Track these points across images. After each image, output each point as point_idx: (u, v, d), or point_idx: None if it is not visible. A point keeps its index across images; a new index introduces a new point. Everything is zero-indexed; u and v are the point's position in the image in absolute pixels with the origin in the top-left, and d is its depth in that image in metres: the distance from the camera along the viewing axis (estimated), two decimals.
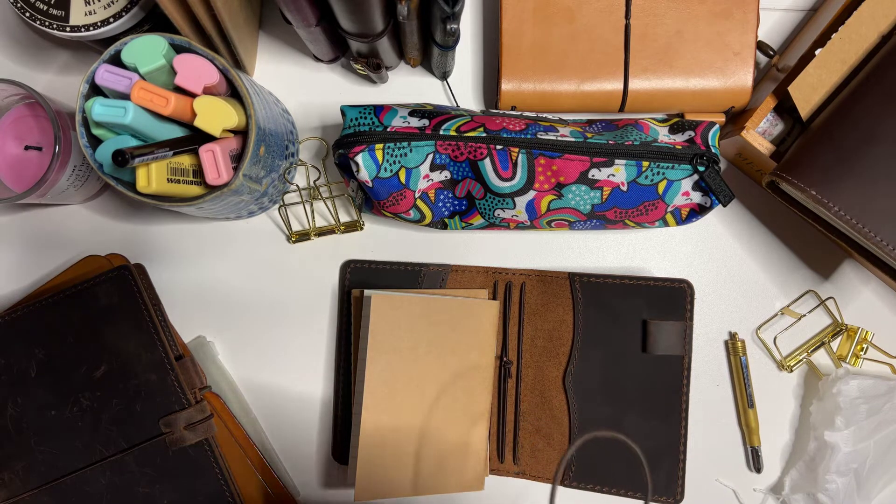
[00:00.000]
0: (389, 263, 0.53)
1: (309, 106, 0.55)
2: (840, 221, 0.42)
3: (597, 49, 0.50)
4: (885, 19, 0.46)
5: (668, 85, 0.50)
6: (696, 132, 0.46)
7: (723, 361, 0.54)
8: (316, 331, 0.54)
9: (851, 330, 0.53)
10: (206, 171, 0.41)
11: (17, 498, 0.47)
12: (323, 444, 0.54)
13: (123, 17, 0.45)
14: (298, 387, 0.54)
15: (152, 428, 0.48)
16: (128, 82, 0.40)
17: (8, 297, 0.54)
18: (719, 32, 0.49)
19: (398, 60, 0.53)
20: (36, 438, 0.47)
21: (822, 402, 0.51)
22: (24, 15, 0.45)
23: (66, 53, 0.55)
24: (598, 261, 0.54)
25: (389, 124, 0.46)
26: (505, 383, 0.52)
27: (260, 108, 0.44)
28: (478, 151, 0.45)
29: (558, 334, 0.52)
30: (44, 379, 0.48)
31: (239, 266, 0.54)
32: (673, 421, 0.51)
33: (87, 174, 0.50)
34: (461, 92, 0.55)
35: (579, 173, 0.45)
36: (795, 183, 0.43)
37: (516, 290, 0.53)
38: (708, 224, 0.54)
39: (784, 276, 0.54)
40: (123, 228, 0.55)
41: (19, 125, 0.49)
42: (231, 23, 0.45)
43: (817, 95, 0.47)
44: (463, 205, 0.49)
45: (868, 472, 0.49)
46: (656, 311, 0.51)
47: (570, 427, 0.51)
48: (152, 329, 0.48)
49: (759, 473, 0.53)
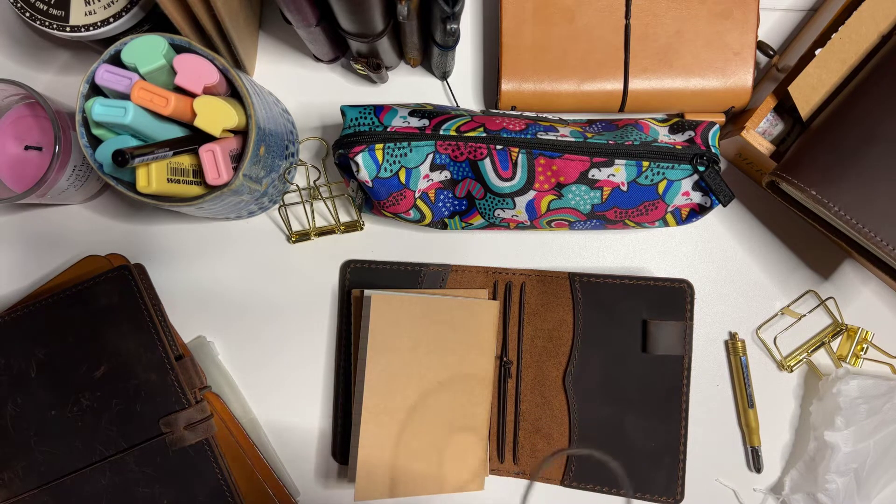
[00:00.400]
0: (389, 263, 0.53)
1: (309, 106, 0.55)
2: (840, 221, 0.42)
3: (597, 49, 0.50)
4: (885, 19, 0.46)
5: (668, 85, 0.50)
6: (696, 132, 0.46)
7: (723, 361, 0.54)
8: (316, 331, 0.54)
9: (851, 330, 0.53)
10: (206, 171, 0.41)
11: (17, 498, 0.47)
12: (323, 443, 0.54)
13: (123, 17, 0.45)
14: (298, 387, 0.54)
15: (152, 428, 0.48)
16: (128, 82, 0.40)
17: (8, 297, 0.54)
18: (719, 32, 0.49)
19: (398, 60, 0.53)
20: (36, 438, 0.47)
21: (822, 402, 0.51)
22: (24, 15, 0.45)
23: (66, 53, 0.55)
24: (598, 261, 0.54)
25: (389, 124, 0.46)
26: (505, 383, 0.52)
27: (260, 108, 0.44)
28: (478, 151, 0.45)
29: (558, 334, 0.52)
30: (44, 379, 0.48)
31: (239, 266, 0.54)
32: (673, 421, 0.51)
33: (87, 174, 0.50)
34: (461, 92, 0.55)
35: (579, 173, 0.45)
36: (795, 183, 0.43)
37: (516, 290, 0.53)
38: (708, 224, 0.54)
39: (784, 276, 0.54)
40: (123, 228, 0.55)
41: (19, 125, 0.49)
42: (231, 23, 0.45)
43: (817, 95, 0.47)
44: (463, 205, 0.49)
45: (868, 472, 0.49)
46: (656, 311, 0.51)
47: (569, 427, 0.51)
48: (152, 329, 0.48)
49: (759, 473, 0.53)
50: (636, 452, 0.51)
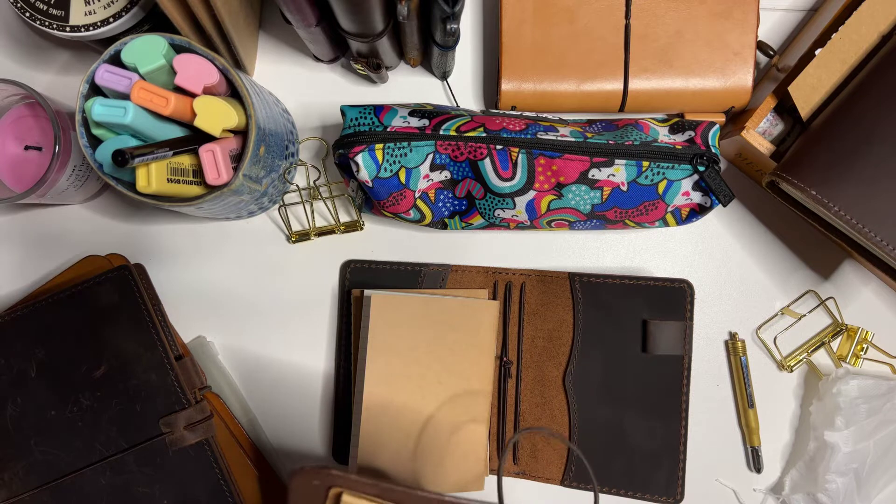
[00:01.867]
0: (389, 263, 0.53)
1: (309, 106, 0.55)
2: (840, 221, 0.42)
3: (597, 49, 0.50)
4: (885, 19, 0.46)
5: (668, 85, 0.50)
6: (696, 132, 0.46)
7: (723, 361, 0.54)
8: (316, 331, 0.54)
9: (851, 330, 0.53)
10: (206, 171, 0.41)
11: (17, 498, 0.47)
12: (323, 443, 0.54)
13: (123, 17, 0.45)
14: (298, 386, 0.54)
15: (152, 428, 0.48)
16: (128, 82, 0.40)
17: (8, 297, 0.54)
18: (719, 32, 0.49)
19: (398, 60, 0.53)
20: (36, 438, 0.47)
21: (822, 402, 0.51)
22: (24, 15, 0.45)
23: (66, 53, 0.55)
24: (598, 261, 0.54)
25: (389, 124, 0.46)
26: (505, 383, 0.52)
27: (260, 108, 0.44)
28: (478, 151, 0.45)
29: (558, 334, 0.52)
30: (44, 379, 0.48)
31: (239, 266, 0.54)
32: (673, 421, 0.51)
33: (87, 174, 0.50)
34: (461, 92, 0.55)
35: (579, 173, 0.45)
36: (795, 183, 0.43)
37: (516, 290, 0.53)
38: (708, 224, 0.54)
39: (784, 276, 0.54)
40: (123, 228, 0.55)
41: (19, 125, 0.49)
42: (231, 23, 0.45)
43: (817, 95, 0.47)
44: (463, 205, 0.49)
45: (868, 472, 0.49)
46: (656, 311, 0.51)
47: (570, 427, 0.51)
48: (152, 329, 0.48)
49: (759, 473, 0.53)
50: (636, 452, 0.51)
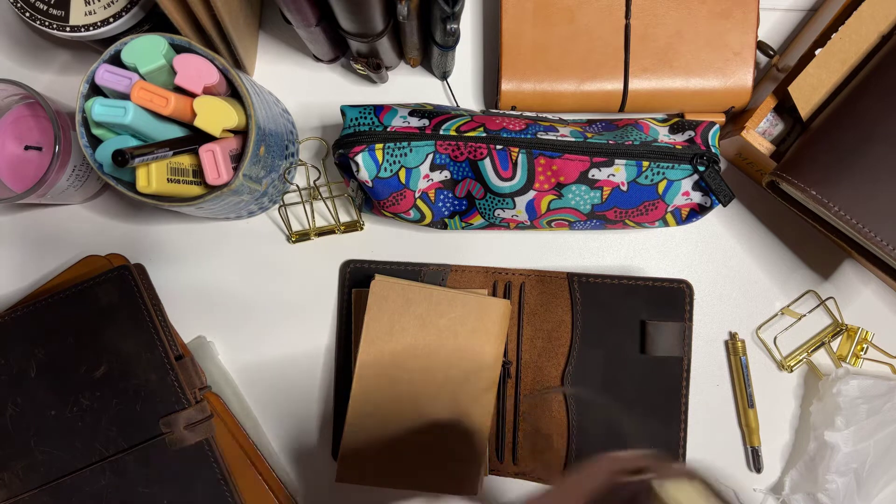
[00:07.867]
0: (389, 263, 0.53)
1: (309, 106, 0.55)
2: (840, 221, 0.42)
3: (597, 49, 0.50)
4: (885, 19, 0.46)
5: (668, 85, 0.50)
6: (696, 132, 0.46)
7: (723, 361, 0.54)
8: (316, 331, 0.54)
9: (851, 330, 0.53)
10: (206, 171, 0.41)
11: (17, 498, 0.47)
12: (323, 443, 0.54)
13: (123, 17, 0.45)
14: (299, 386, 0.54)
15: (152, 428, 0.48)
16: (128, 82, 0.40)
17: (8, 297, 0.54)
18: (719, 32, 0.49)
19: (398, 60, 0.53)
20: (36, 438, 0.47)
21: (822, 402, 0.51)
22: (24, 15, 0.45)
23: (66, 53, 0.55)
24: (598, 261, 0.54)
25: (389, 124, 0.46)
26: (504, 383, 0.52)
27: (260, 108, 0.44)
28: (478, 151, 0.45)
29: (557, 334, 0.52)
30: (44, 379, 0.48)
31: (239, 266, 0.54)
32: (673, 422, 0.51)
33: (87, 174, 0.50)
34: (461, 92, 0.55)
35: (579, 173, 0.45)
36: (795, 183, 0.43)
37: (516, 290, 0.53)
38: (708, 224, 0.54)
39: (784, 276, 0.54)
40: (123, 228, 0.55)
41: (19, 125, 0.49)
42: (231, 23, 0.45)
43: (817, 95, 0.47)
44: (463, 205, 0.49)
45: (868, 472, 0.49)
46: (655, 311, 0.51)
47: (568, 427, 0.51)
48: (152, 329, 0.48)
49: (759, 473, 0.53)
50: None
